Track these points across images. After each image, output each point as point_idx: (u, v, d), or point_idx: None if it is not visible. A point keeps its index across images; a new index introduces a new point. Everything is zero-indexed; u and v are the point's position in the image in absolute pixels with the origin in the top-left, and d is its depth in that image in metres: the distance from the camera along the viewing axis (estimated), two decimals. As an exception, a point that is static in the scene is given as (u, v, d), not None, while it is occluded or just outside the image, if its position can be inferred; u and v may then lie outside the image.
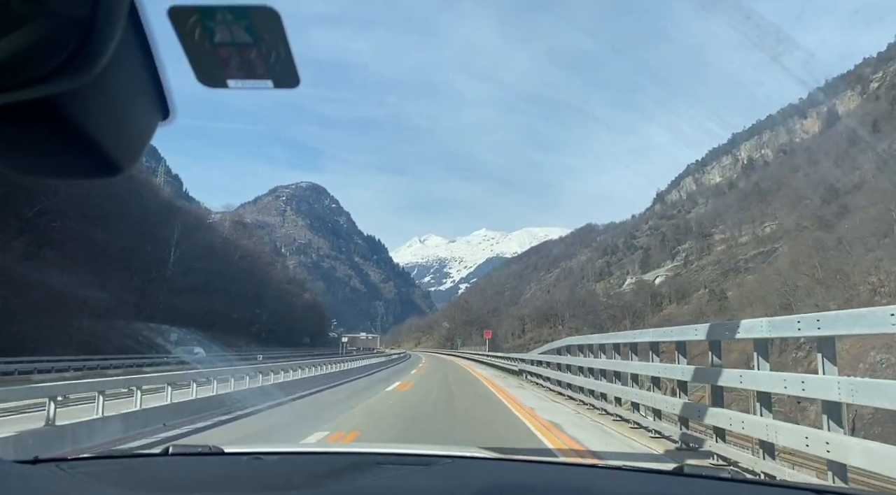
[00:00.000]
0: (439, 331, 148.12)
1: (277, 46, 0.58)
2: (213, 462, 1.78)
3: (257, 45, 0.58)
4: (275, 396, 13.05)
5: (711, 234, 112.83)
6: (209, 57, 0.58)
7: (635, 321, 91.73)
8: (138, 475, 1.63)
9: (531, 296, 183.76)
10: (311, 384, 17.44)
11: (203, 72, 0.59)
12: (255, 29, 0.57)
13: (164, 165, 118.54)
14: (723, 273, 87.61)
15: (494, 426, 10.14)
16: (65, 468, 1.47)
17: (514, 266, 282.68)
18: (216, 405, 11.23)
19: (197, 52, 0.58)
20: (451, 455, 1.89)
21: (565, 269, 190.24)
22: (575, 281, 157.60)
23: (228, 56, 0.58)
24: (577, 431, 9.33)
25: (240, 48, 0.58)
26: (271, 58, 0.59)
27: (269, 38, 0.58)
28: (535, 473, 1.71)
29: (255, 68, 0.59)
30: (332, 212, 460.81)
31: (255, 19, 0.57)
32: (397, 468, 1.67)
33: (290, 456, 1.94)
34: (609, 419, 10.42)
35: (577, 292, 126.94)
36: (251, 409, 11.56)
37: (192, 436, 8.68)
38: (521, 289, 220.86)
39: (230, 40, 0.57)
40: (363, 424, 10.04)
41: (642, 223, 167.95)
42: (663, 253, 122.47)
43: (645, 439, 8.39)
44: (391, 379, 23.19)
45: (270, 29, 0.57)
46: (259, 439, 8.35)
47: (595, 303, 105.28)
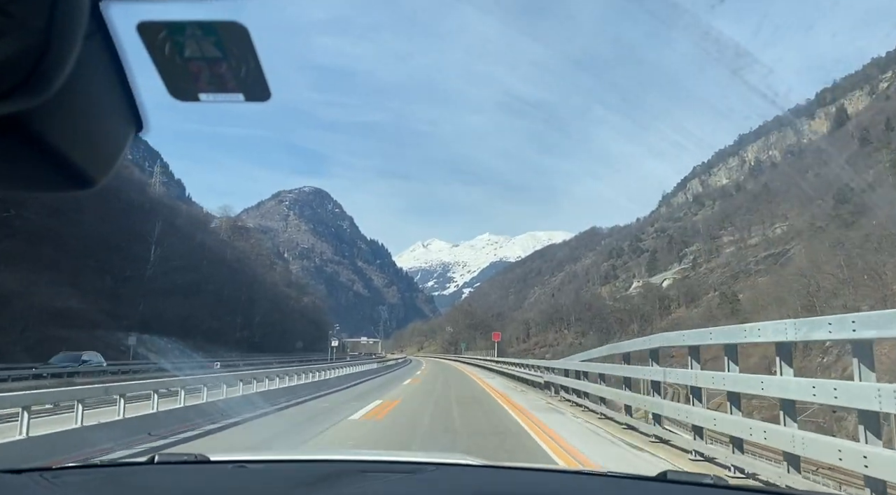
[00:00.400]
0: (443, 335, 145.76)
1: (247, 60, 0.58)
2: (198, 470, 1.78)
3: (227, 60, 0.58)
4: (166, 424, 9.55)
5: (720, 236, 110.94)
6: (180, 71, 0.58)
7: (643, 325, 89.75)
8: (123, 484, 1.65)
9: (535, 300, 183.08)
10: (248, 406, 12.06)
11: (174, 86, 0.59)
12: (223, 44, 0.57)
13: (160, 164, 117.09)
14: (733, 275, 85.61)
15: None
16: (49, 477, 1.49)
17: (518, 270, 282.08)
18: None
19: (167, 66, 0.58)
20: (438, 462, 1.88)
21: (570, 273, 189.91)
22: (580, 284, 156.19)
23: (199, 70, 0.58)
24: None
25: (210, 62, 0.58)
26: (241, 71, 0.59)
27: (238, 53, 0.58)
28: (523, 480, 1.79)
29: (226, 82, 0.59)
30: (335, 216, 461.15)
31: (223, 34, 0.57)
32: (383, 476, 1.68)
33: (276, 463, 1.94)
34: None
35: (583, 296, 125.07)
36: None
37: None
38: (526, 293, 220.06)
39: (200, 55, 0.58)
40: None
41: (648, 226, 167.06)
42: (670, 255, 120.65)
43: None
44: (371, 395, 17.59)
45: (239, 43, 0.57)
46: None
47: (601, 306, 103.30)
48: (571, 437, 9.27)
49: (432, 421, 11.71)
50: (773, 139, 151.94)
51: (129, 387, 9.40)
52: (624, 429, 9.88)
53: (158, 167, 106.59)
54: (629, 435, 9.25)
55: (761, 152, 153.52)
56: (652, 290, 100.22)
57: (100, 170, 0.59)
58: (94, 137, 0.58)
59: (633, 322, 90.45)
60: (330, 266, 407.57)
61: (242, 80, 0.59)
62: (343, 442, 9.01)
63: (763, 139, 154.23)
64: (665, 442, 8.25)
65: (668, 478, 1.58)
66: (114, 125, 0.61)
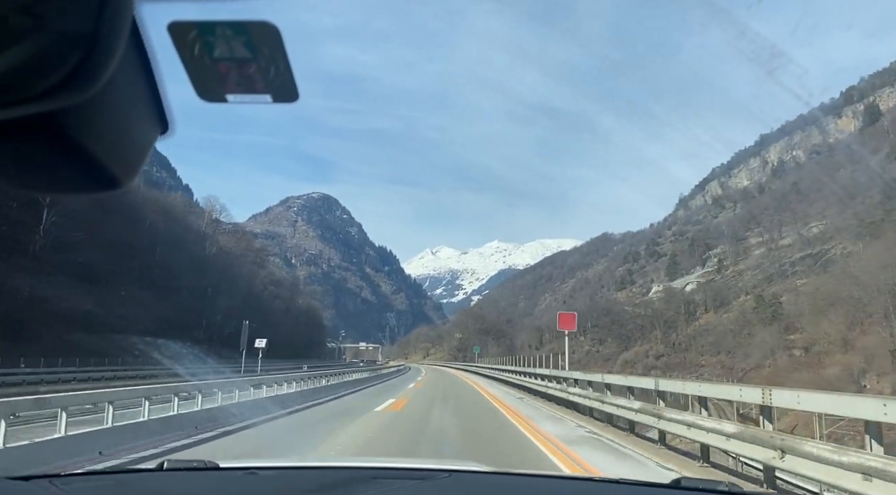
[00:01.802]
0: (450, 341, 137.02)
1: (276, 61, 0.58)
2: (207, 477, 1.77)
3: (256, 60, 0.57)
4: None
5: (746, 238, 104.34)
6: (209, 72, 0.58)
7: (667, 331, 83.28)
8: (132, 490, 1.66)
9: (546, 307, 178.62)
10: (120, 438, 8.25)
11: (202, 86, 0.59)
12: (254, 44, 0.57)
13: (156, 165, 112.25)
14: (766, 277, 79.08)
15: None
16: (58, 484, 1.51)
17: (529, 276, 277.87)
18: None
19: (196, 66, 0.57)
20: (450, 469, 1.85)
21: (581, 279, 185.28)
22: (594, 290, 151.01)
23: (228, 71, 0.58)
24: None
25: (239, 63, 0.57)
26: (270, 72, 0.58)
27: (268, 53, 0.57)
28: (534, 487, 1.77)
29: (255, 83, 0.59)
30: (343, 222, 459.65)
31: (254, 34, 0.56)
32: (394, 482, 1.67)
33: (286, 470, 1.93)
34: None
35: (598, 301, 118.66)
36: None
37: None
38: (536, 299, 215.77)
39: (229, 55, 0.57)
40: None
41: (665, 229, 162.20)
42: (692, 258, 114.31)
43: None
44: (314, 433, 10.82)
45: (269, 44, 0.57)
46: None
47: (619, 312, 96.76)
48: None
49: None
50: (796, 139, 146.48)
51: (68, 400, 7.88)
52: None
53: (154, 164, 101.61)
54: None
55: (785, 152, 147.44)
56: (675, 295, 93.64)
57: (126, 171, 0.59)
58: (122, 138, 0.58)
59: (656, 328, 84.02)
60: (338, 272, 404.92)
61: (271, 80, 0.59)
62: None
63: (786, 139, 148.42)
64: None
65: (682, 485, 1.58)
66: (142, 126, 0.60)
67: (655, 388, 9.80)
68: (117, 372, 30.63)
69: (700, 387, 8.81)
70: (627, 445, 9.83)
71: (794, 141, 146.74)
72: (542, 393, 19.66)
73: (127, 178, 0.59)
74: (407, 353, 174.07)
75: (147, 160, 0.63)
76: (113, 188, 0.59)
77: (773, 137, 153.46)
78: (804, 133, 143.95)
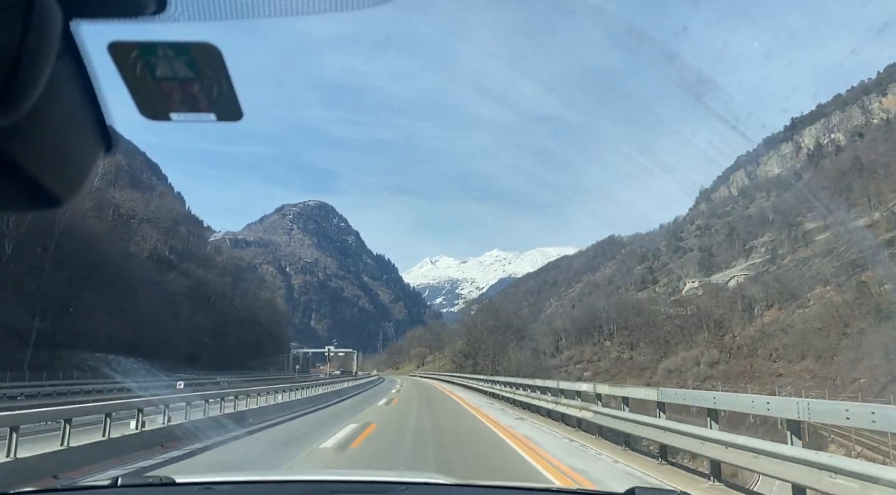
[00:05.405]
0: (453, 345, 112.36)
1: (219, 81, 0.59)
2: (163, 492, 1.73)
3: (199, 80, 0.58)
4: None
5: (799, 223, 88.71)
6: (151, 91, 0.58)
7: (718, 332, 67.30)
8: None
9: (552, 312, 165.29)
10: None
11: (146, 105, 0.59)
12: (195, 64, 0.57)
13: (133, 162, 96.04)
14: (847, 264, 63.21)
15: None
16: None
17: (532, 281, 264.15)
18: None
19: (139, 86, 0.58)
20: (409, 481, 1.82)
21: (589, 283, 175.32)
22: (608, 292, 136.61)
23: (170, 90, 0.58)
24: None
25: (181, 82, 0.58)
26: (213, 92, 0.59)
27: (211, 73, 0.58)
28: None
29: (198, 102, 0.59)
30: (340, 230, 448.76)
31: (196, 55, 0.57)
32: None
33: (242, 485, 1.89)
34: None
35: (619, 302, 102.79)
36: None
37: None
38: (541, 305, 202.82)
39: (171, 75, 0.57)
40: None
41: (687, 224, 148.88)
42: (732, 250, 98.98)
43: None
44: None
45: (211, 64, 0.58)
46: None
47: (652, 312, 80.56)
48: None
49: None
50: (834, 120, 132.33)
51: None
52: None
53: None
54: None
55: (821, 135, 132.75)
56: (719, 291, 77.66)
57: (68, 189, 0.59)
58: (62, 157, 0.58)
59: (703, 329, 67.94)
60: (334, 281, 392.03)
61: (215, 99, 0.59)
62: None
63: (823, 120, 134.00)
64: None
65: (636, 494, 1.58)
66: (83, 144, 0.60)
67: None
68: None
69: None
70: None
71: (831, 123, 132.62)
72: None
73: (68, 196, 0.59)
74: (397, 363, 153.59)
75: (91, 177, 0.63)
76: (53, 206, 0.59)
77: (807, 121, 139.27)
78: (844, 114, 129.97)
